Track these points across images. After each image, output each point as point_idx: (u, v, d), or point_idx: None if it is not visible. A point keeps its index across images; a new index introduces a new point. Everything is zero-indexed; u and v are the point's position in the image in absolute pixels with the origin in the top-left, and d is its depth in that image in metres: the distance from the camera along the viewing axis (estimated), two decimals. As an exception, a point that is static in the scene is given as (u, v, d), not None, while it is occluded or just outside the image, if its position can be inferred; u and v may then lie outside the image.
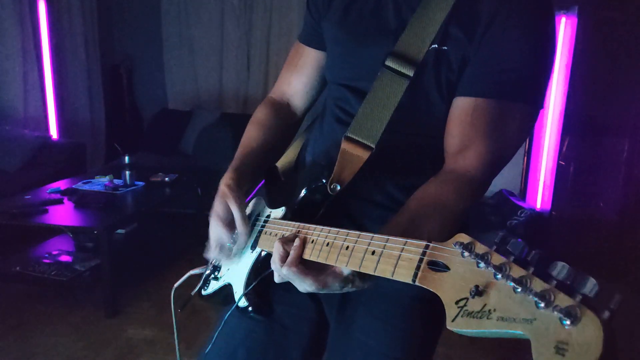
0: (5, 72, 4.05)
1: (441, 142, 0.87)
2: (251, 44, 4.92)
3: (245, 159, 1.01)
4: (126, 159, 3.22)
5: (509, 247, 0.50)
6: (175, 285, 1.10)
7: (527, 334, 0.44)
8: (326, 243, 0.73)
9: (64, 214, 2.82)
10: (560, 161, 3.55)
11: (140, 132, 5.13)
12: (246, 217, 0.94)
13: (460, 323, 0.50)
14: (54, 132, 4.42)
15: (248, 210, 1.01)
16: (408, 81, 0.85)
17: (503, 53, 0.81)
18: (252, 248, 0.97)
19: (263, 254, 0.93)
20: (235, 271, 1.00)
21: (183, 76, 5.15)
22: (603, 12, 3.28)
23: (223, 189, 0.95)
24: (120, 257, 2.93)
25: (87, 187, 3.20)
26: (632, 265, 3.00)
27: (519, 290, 0.46)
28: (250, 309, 0.95)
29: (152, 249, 3.38)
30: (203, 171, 3.72)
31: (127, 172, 3.23)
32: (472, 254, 0.52)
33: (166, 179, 3.40)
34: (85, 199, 2.94)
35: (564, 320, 0.42)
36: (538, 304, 0.44)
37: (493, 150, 0.83)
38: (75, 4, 4.54)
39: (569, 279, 0.44)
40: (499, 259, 0.50)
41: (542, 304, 0.44)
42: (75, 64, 4.60)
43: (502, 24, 0.81)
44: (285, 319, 1.03)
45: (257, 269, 0.94)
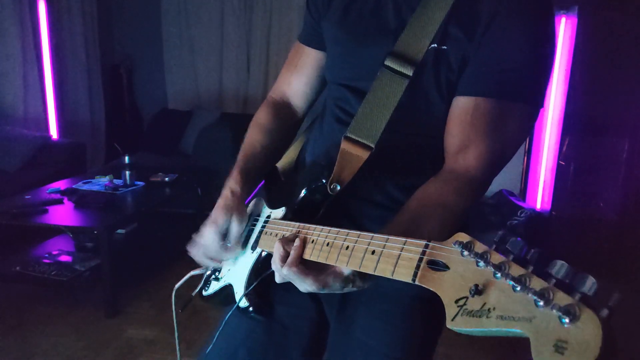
0: (5, 72, 4.05)
1: (441, 142, 0.87)
2: (251, 44, 4.91)
3: (249, 162, 1.02)
4: (126, 159, 3.22)
5: (508, 246, 0.50)
6: (176, 286, 1.11)
7: (527, 333, 0.44)
8: (326, 243, 0.73)
9: (64, 214, 2.82)
10: (560, 161, 3.55)
11: (140, 132, 5.13)
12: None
13: (460, 322, 0.50)
14: (54, 132, 4.42)
15: (248, 210, 1.02)
16: (408, 81, 0.85)
17: (503, 53, 0.81)
18: (253, 248, 0.97)
19: (263, 255, 0.94)
20: (235, 272, 1.00)
21: (183, 76, 5.15)
22: (603, 12, 3.28)
23: (228, 197, 0.96)
24: (120, 257, 2.93)
25: (87, 187, 3.19)
26: (632, 265, 3.01)
27: (518, 289, 0.46)
28: (251, 309, 0.96)
29: (152, 249, 3.38)
30: (203, 171, 3.73)
31: (127, 172, 3.22)
32: (472, 253, 0.52)
33: (166, 179, 3.39)
34: (85, 199, 2.94)
35: (563, 318, 0.42)
36: (537, 302, 0.44)
37: (493, 150, 0.83)
38: (75, 4, 4.54)
39: (568, 278, 0.44)
40: (498, 258, 0.50)
41: (541, 303, 0.44)
42: (75, 64, 4.60)
43: (502, 24, 0.81)
44: (286, 319, 1.03)
45: (258, 269, 0.94)
